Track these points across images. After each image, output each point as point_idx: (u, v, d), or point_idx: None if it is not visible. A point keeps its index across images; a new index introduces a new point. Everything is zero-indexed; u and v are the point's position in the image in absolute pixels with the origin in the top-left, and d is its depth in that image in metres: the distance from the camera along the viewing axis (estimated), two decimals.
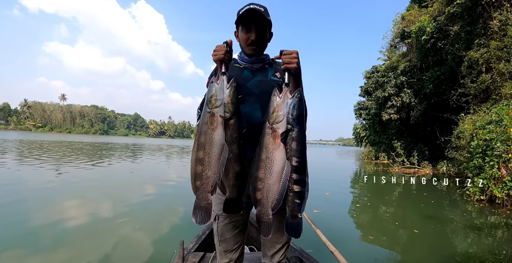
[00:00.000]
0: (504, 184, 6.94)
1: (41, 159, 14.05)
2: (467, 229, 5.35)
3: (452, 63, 14.11)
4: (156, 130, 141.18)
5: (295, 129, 1.20)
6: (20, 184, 8.05)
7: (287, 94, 1.23)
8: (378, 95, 19.59)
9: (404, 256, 4.10)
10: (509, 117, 7.59)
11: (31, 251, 3.73)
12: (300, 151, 1.21)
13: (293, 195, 1.22)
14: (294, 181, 1.20)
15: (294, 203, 1.22)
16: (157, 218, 5.46)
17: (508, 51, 10.69)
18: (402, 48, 22.40)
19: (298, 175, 1.20)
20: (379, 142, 23.65)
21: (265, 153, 1.21)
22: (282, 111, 1.20)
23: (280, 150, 1.19)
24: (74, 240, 4.10)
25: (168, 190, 8.48)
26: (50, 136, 53.46)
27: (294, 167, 1.19)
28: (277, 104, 1.22)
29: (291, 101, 1.22)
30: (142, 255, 3.66)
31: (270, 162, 1.19)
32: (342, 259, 2.23)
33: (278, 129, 1.19)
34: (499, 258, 4.01)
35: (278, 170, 1.19)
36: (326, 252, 2.59)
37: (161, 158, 20.69)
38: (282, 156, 1.19)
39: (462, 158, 9.88)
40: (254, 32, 1.44)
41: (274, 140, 1.19)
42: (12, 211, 5.43)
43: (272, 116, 1.21)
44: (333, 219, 5.76)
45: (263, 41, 1.51)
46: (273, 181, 1.19)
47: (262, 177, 1.21)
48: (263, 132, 1.25)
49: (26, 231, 4.42)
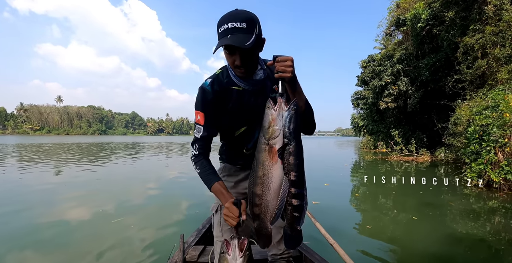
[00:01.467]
0: (501, 169, 7.01)
1: (45, 161, 14.06)
2: (464, 214, 5.41)
3: (448, 49, 14.08)
4: (155, 128, 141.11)
5: (292, 143, 1.15)
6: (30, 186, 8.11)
7: (282, 106, 1.15)
8: (375, 84, 19.58)
9: (402, 243, 4.16)
10: (505, 102, 7.62)
11: (41, 249, 3.79)
12: (298, 165, 1.17)
13: (292, 208, 1.20)
14: (292, 195, 1.17)
15: (293, 216, 1.21)
16: (158, 213, 5.52)
17: (503, 36, 10.68)
18: (397, 36, 22.34)
19: (296, 189, 1.17)
20: (377, 131, 23.72)
21: (262, 170, 1.16)
22: (278, 126, 1.13)
23: (277, 166, 1.15)
24: (75, 237, 4.17)
25: (170, 186, 8.55)
26: (49, 139, 53.36)
27: (292, 181, 1.16)
28: (273, 118, 1.14)
29: (287, 114, 1.15)
30: (144, 249, 3.71)
31: (268, 179, 1.15)
32: (342, 251, 2.24)
33: (275, 145, 1.14)
34: (497, 242, 4.08)
35: (276, 186, 1.16)
36: (325, 244, 2.62)
37: (162, 155, 20.73)
38: (280, 172, 1.15)
39: (459, 144, 9.94)
40: (239, 56, 1.25)
41: (271, 156, 1.14)
42: (16, 211, 5.49)
43: (268, 132, 1.15)
44: (332, 209, 5.82)
45: (250, 62, 1.34)
46: (271, 197, 1.17)
47: (259, 193, 1.18)
48: (259, 148, 1.19)
49: (34, 229, 4.47)
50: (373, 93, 21.08)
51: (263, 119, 1.17)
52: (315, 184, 8.46)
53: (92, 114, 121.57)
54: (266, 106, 1.17)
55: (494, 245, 3.97)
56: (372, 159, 17.69)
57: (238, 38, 1.18)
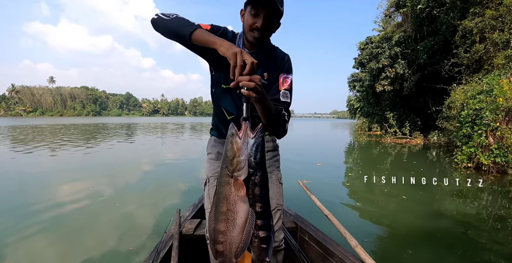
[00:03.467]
0: (491, 152, 7.21)
1: (45, 142, 14.06)
2: (453, 194, 5.64)
3: (447, 32, 14.01)
4: (150, 109, 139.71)
5: (258, 174, 1.05)
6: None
7: (247, 132, 1.04)
8: (372, 67, 19.51)
9: (392, 219, 4.37)
10: (499, 87, 7.73)
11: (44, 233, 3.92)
12: (263, 196, 1.08)
13: (259, 240, 1.11)
14: (259, 227, 1.08)
15: (260, 248, 1.12)
16: (154, 190, 5.70)
17: (502, 20, 10.63)
18: (397, 18, 22.03)
19: (263, 221, 1.09)
20: (372, 113, 23.86)
21: (226, 205, 1.04)
22: (243, 156, 1.02)
23: (243, 200, 1.04)
24: (73, 215, 4.34)
25: (166, 165, 8.71)
26: (43, 120, 52.70)
27: (258, 213, 1.07)
28: (238, 148, 1.01)
29: (253, 142, 1.04)
30: (141, 224, 3.91)
31: (233, 214, 1.04)
32: (336, 221, 2.30)
33: (240, 177, 1.01)
34: (483, 220, 4.30)
35: (242, 222, 1.05)
36: (320, 216, 2.71)
37: (158, 135, 20.77)
38: (246, 206, 1.05)
39: (452, 127, 10.12)
40: (262, 19, 1.25)
41: (237, 190, 1.02)
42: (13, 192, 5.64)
43: (232, 163, 1.02)
44: (323, 188, 5.99)
45: (268, 30, 1.33)
46: (236, 233, 1.06)
47: (224, 230, 1.06)
48: (221, 181, 1.06)
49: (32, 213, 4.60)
50: (370, 75, 21.04)
51: (225, 148, 1.05)
52: (308, 165, 8.66)
53: (85, 95, 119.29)
54: (229, 133, 1.04)
55: (480, 222, 4.19)
56: (366, 141, 17.92)
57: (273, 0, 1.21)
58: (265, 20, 1.26)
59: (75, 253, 3.10)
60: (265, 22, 1.26)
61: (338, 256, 1.89)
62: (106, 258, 2.97)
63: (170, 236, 2.20)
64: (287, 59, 1.50)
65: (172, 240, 2.11)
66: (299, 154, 10.53)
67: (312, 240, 2.22)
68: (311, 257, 2.18)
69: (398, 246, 3.50)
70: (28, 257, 3.04)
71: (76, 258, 2.96)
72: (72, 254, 3.09)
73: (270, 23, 1.29)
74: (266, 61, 1.44)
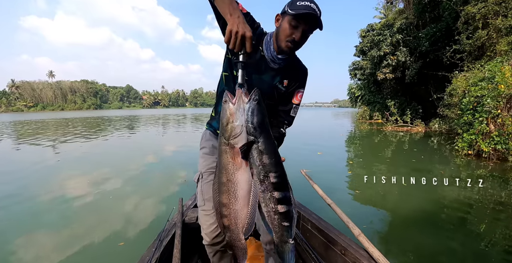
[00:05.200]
0: (492, 139, 7.23)
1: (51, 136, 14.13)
2: (454, 180, 5.68)
3: (449, 18, 13.82)
4: (150, 101, 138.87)
5: (260, 140, 0.99)
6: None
7: (242, 97, 1.01)
8: (373, 55, 19.31)
9: (391, 206, 4.43)
10: (502, 74, 7.68)
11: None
12: (275, 164, 1.01)
13: (279, 217, 1.03)
14: (277, 200, 1.02)
15: (281, 226, 1.04)
16: (158, 180, 5.80)
17: (506, 6, 10.48)
18: (398, 5, 21.71)
19: (280, 192, 1.02)
20: (373, 101, 23.76)
21: (226, 175, 1.01)
22: (238, 121, 0.98)
23: (242, 170, 1.00)
24: (79, 205, 4.44)
25: (169, 155, 8.79)
26: (45, 115, 52.52)
27: (273, 184, 1.01)
28: (231, 113, 0.98)
29: (248, 106, 1.00)
30: (145, 212, 4.03)
31: (233, 185, 1.00)
32: (339, 210, 2.25)
33: (236, 145, 0.98)
34: (484, 206, 4.36)
35: (244, 193, 1.02)
36: (322, 205, 2.70)
37: (160, 126, 20.82)
38: (247, 176, 1.01)
39: (453, 115, 10.10)
40: (301, 33, 1.27)
41: (233, 158, 0.99)
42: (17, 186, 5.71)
43: (227, 129, 0.98)
44: (323, 176, 6.04)
45: (302, 43, 1.35)
46: (239, 206, 1.02)
47: (226, 202, 1.03)
48: (219, 149, 1.03)
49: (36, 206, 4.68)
50: (371, 63, 20.85)
51: (220, 115, 1.03)
52: (308, 153, 8.69)
53: (86, 88, 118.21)
54: (223, 100, 1.03)
55: (479, 208, 4.25)
56: (367, 129, 17.93)
57: (316, 18, 1.23)
58: (303, 34, 1.28)
59: (75, 242, 3.19)
60: (303, 36, 1.29)
61: (341, 244, 1.88)
62: (106, 246, 3.08)
63: (173, 224, 2.21)
64: (306, 73, 1.53)
65: (175, 228, 2.12)
66: (300, 143, 10.55)
67: (315, 228, 2.22)
68: (313, 245, 2.16)
69: (398, 232, 3.56)
70: (35, 243, 3.13)
71: (74, 246, 3.07)
72: (73, 243, 3.18)
73: (307, 37, 1.32)
74: (289, 69, 1.46)
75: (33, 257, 2.94)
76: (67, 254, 2.92)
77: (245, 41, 1.07)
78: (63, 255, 2.90)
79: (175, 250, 1.82)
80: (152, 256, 1.76)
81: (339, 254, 1.89)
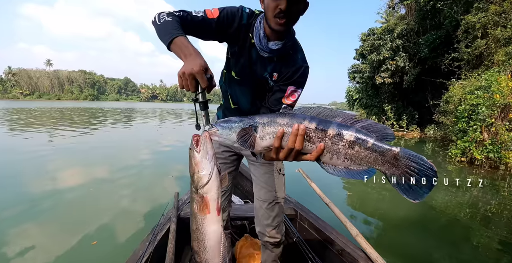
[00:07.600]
0: (485, 147, 7.36)
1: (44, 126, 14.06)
2: (446, 186, 5.78)
3: (449, 27, 13.96)
4: (148, 95, 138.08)
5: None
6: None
7: (207, 143, 0.92)
8: (373, 59, 19.41)
9: (385, 209, 4.52)
10: (497, 84, 7.81)
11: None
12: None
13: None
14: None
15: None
16: (153, 175, 5.84)
17: (506, 16, 10.60)
18: (400, 10, 21.83)
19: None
20: (371, 105, 23.88)
21: (195, 224, 0.96)
22: (205, 171, 0.90)
23: (210, 221, 0.94)
24: (73, 198, 4.45)
25: (164, 151, 8.81)
26: (42, 103, 51.92)
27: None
28: (196, 163, 0.90)
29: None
30: (140, 207, 4.05)
31: (201, 235, 0.96)
32: (337, 210, 2.27)
33: (205, 195, 0.91)
34: (474, 211, 4.46)
35: (212, 244, 0.96)
36: (319, 205, 2.77)
37: (157, 120, 20.78)
38: (215, 228, 0.95)
39: (448, 122, 10.24)
40: (286, 1, 1.08)
41: (201, 209, 0.92)
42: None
43: (193, 180, 0.92)
44: (316, 177, 6.09)
45: (295, 13, 1.16)
46: (209, 256, 0.98)
47: (197, 250, 0.99)
48: (191, 196, 0.97)
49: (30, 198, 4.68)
50: (370, 67, 20.95)
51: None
52: None
53: (83, 79, 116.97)
54: (189, 147, 0.94)
55: (469, 214, 4.36)
56: None
57: None
58: (290, 1, 1.09)
59: (67, 237, 3.19)
60: (290, 3, 1.09)
61: (338, 244, 1.87)
62: (98, 241, 3.10)
63: (168, 219, 2.18)
64: (303, 70, 1.33)
65: (170, 223, 2.09)
66: None
67: (312, 228, 2.21)
68: (310, 244, 2.10)
69: (392, 233, 3.65)
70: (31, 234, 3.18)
71: (66, 241, 3.08)
72: (65, 237, 3.19)
73: (297, 3, 1.12)
74: (282, 61, 1.32)
75: (23, 250, 2.90)
76: (59, 249, 2.91)
77: (195, 78, 0.92)
78: (55, 251, 2.88)
79: (169, 245, 1.81)
80: (145, 250, 1.73)
81: (336, 254, 1.89)
